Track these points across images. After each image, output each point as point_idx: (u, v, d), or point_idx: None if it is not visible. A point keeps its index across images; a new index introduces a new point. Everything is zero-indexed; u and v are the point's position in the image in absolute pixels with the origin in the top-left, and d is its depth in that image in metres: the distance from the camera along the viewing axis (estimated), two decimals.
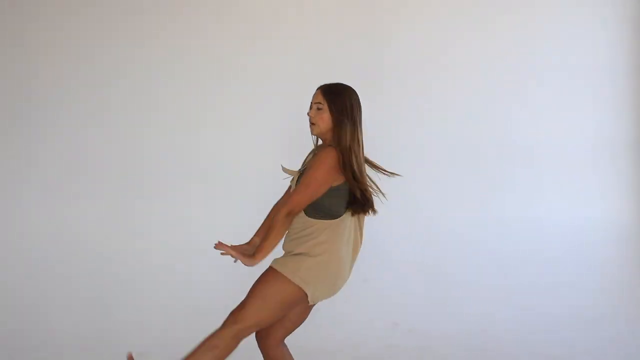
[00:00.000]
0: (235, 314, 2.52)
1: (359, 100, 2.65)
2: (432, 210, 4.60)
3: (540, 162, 4.85)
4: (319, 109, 2.61)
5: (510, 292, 4.48)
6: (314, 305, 2.70)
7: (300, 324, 2.77)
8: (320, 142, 2.71)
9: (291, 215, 2.52)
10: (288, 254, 2.61)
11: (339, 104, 2.59)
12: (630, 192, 5.04)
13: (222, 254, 2.54)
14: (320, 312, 2.94)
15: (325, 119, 2.60)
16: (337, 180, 2.56)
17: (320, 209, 2.58)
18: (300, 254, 2.55)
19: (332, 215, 2.58)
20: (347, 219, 2.62)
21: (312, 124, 2.64)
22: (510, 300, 4.41)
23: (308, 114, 2.65)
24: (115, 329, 3.90)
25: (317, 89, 2.65)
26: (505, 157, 4.80)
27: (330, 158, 2.52)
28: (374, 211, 2.63)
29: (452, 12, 4.82)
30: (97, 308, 4.09)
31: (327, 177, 2.53)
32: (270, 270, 2.57)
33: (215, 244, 2.50)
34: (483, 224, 4.65)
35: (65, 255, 4.31)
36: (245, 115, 4.62)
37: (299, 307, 2.68)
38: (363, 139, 2.63)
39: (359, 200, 2.58)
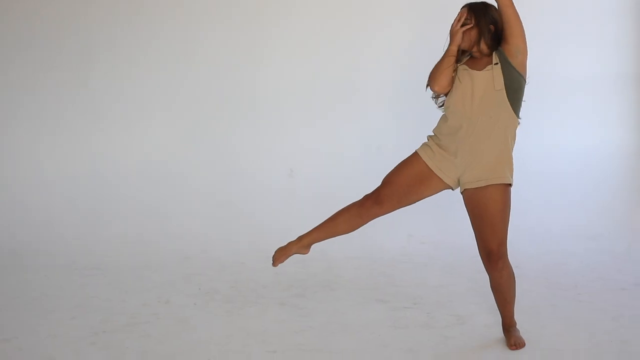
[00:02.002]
0: (502, 246, 2.83)
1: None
2: None
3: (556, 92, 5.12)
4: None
5: (519, 208, 4.07)
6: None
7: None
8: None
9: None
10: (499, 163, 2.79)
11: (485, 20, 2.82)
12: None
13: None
14: None
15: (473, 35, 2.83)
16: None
17: (520, 98, 2.84)
18: (503, 157, 2.80)
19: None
20: None
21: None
22: (518, 215, 4.07)
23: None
24: None
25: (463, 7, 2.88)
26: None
27: None
28: None
29: None
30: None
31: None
32: (506, 188, 2.80)
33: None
34: None
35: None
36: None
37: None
38: None
39: None
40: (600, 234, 4.90)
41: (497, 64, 2.78)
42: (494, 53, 2.83)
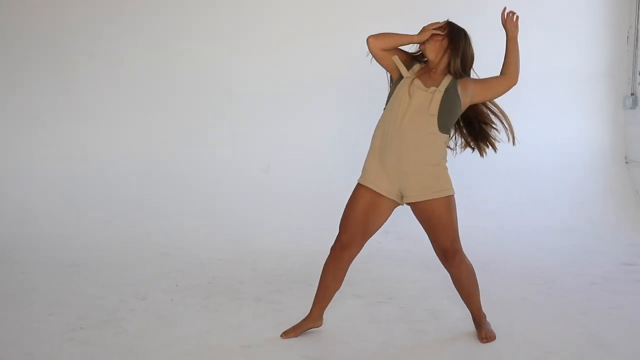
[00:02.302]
0: (455, 243, 2.91)
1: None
2: None
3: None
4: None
5: (493, 205, 5.22)
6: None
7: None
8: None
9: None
10: (430, 176, 2.84)
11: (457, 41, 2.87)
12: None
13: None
14: (324, 223, 3.86)
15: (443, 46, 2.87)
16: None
17: (451, 124, 2.89)
18: (436, 172, 2.86)
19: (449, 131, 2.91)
20: None
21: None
22: (492, 213, 5.13)
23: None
24: None
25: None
26: None
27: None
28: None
29: None
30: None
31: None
32: (449, 199, 2.87)
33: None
34: None
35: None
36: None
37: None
38: None
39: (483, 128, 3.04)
40: (572, 230, 5.01)
41: (441, 91, 2.82)
42: (446, 79, 2.85)
